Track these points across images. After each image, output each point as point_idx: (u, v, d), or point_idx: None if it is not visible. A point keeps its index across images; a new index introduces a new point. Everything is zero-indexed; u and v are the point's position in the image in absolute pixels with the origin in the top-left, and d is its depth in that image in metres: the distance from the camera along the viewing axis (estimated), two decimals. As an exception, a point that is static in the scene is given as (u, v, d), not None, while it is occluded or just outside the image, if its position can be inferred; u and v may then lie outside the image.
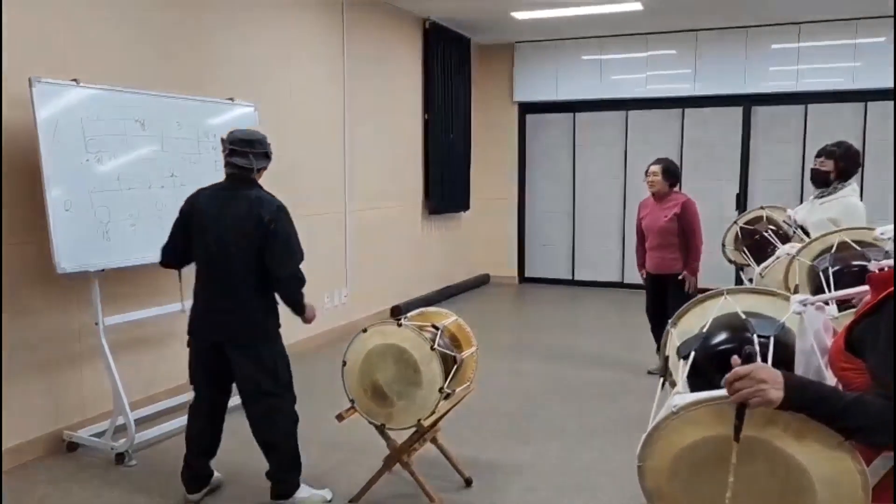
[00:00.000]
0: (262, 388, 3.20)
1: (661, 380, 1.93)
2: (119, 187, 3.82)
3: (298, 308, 3.31)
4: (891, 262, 1.70)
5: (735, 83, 8.03)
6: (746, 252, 4.02)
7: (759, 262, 3.75)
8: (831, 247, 2.76)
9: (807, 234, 3.79)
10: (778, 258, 3.43)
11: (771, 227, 3.94)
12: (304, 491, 3.28)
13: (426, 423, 3.14)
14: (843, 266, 2.58)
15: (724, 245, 4.34)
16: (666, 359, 1.95)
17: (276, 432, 3.24)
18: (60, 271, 3.51)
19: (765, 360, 1.61)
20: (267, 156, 3.33)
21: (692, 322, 1.94)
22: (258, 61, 5.29)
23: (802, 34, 7.73)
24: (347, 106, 6.42)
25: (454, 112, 8.27)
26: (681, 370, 1.75)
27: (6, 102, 3.54)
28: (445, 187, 8.15)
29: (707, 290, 2.13)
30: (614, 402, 4.74)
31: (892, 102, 7.38)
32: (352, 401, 3.25)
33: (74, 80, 3.65)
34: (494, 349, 6.01)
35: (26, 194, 3.62)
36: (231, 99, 4.67)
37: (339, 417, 3.26)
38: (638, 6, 6.94)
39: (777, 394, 1.36)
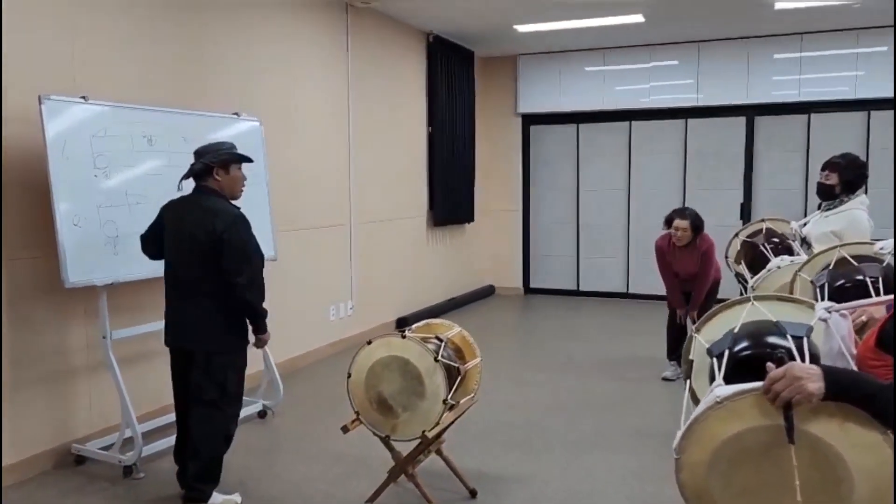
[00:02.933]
0: (204, 397, 3.30)
1: (687, 381, 1.96)
2: (126, 202, 3.86)
3: (257, 317, 3.35)
4: None
5: (738, 93, 8.06)
6: (745, 265, 4.04)
7: (755, 275, 3.76)
8: (831, 263, 2.78)
9: (810, 246, 3.80)
10: (769, 271, 3.45)
11: (775, 238, 3.95)
12: (216, 498, 3.37)
13: (430, 434, 3.16)
14: (838, 282, 2.61)
15: (726, 257, 4.36)
16: (690, 363, 1.97)
17: (204, 442, 3.32)
18: (68, 285, 3.55)
19: (801, 360, 1.63)
20: (213, 164, 3.30)
21: (716, 328, 1.96)
22: (263, 76, 5.35)
23: (804, 44, 7.76)
24: (352, 119, 6.48)
25: (458, 124, 8.32)
26: (715, 367, 1.76)
27: (16, 119, 3.60)
28: (450, 199, 8.19)
29: (724, 299, 2.17)
30: (619, 412, 4.75)
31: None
32: (357, 412, 3.28)
33: (83, 97, 3.71)
34: (499, 360, 6.02)
35: (36, 209, 3.67)
36: (236, 114, 4.72)
37: (345, 429, 3.28)
38: (640, 18, 6.98)
39: (816, 385, 1.38)
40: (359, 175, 6.61)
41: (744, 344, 1.77)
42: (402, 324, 6.99)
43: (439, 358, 3.14)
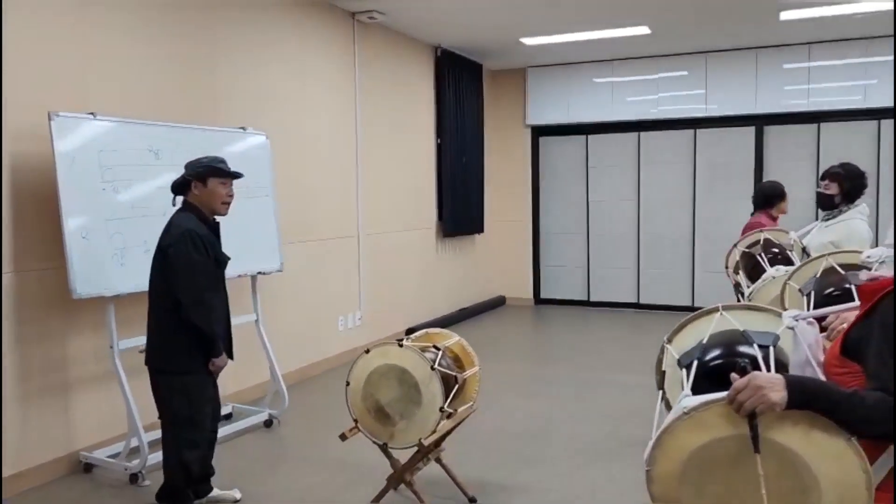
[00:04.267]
0: (160, 417, 3.34)
1: (661, 392, 1.96)
2: (134, 215, 3.96)
3: (205, 339, 3.21)
4: (877, 273, 1.75)
5: (747, 103, 8.06)
6: (743, 275, 4.04)
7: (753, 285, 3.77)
8: (818, 271, 2.79)
9: (808, 256, 3.79)
10: (764, 280, 3.46)
11: (774, 249, 3.95)
12: (215, 492, 3.45)
13: (427, 442, 3.19)
14: (826, 290, 2.62)
15: (726, 267, 4.37)
16: (663, 374, 1.99)
17: (165, 461, 3.34)
18: (76, 296, 3.64)
19: (767, 369, 1.64)
20: (189, 177, 3.30)
21: (687, 338, 1.97)
22: (270, 90, 5.45)
23: (813, 53, 7.75)
24: (360, 132, 6.57)
25: (467, 136, 8.39)
26: (684, 378, 1.77)
27: (27, 135, 3.71)
28: (459, 210, 8.24)
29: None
30: (623, 424, 4.75)
31: (905, 120, 7.37)
32: (355, 420, 3.32)
33: (91, 113, 3.82)
34: (507, 370, 6.04)
35: (46, 222, 3.77)
36: (243, 128, 4.81)
37: (343, 437, 3.33)
38: (645, 30, 7.02)
39: (778, 395, 1.40)
40: (367, 187, 6.69)
41: (712, 354, 1.77)
42: (411, 334, 7.02)
43: (436, 366, 3.19)
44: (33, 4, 3.75)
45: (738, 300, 4.04)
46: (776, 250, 3.97)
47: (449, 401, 3.22)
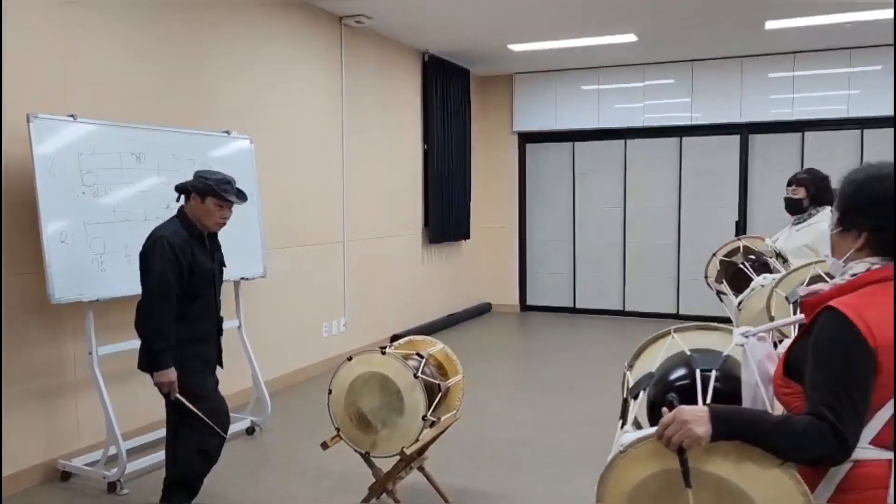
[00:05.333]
0: (168, 415, 3.33)
1: (620, 422, 1.95)
2: (114, 219, 3.90)
3: (147, 342, 3.15)
4: (817, 287, 1.73)
5: (732, 112, 8.10)
6: (727, 284, 4.06)
7: (738, 294, 3.78)
8: (805, 280, 2.80)
9: (785, 260, 3.83)
10: (753, 290, 3.47)
11: (751, 256, 3.98)
12: None
13: (409, 450, 3.16)
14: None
15: (706, 276, 4.38)
16: (625, 401, 1.98)
17: (174, 453, 3.33)
18: (54, 301, 3.58)
19: (703, 396, 1.66)
20: (191, 188, 3.27)
21: (645, 363, 1.99)
22: (256, 94, 5.41)
23: (798, 63, 7.81)
24: (346, 137, 6.54)
25: (454, 142, 8.37)
26: (630, 410, 1.82)
27: (6, 137, 3.65)
28: (445, 216, 8.22)
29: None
30: (608, 431, 4.70)
31: (888, 130, 7.43)
32: (337, 429, 3.29)
33: (72, 115, 3.77)
34: (493, 378, 6.02)
35: (24, 226, 3.71)
36: (227, 132, 4.77)
37: (324, 445, 3.29)
38: (632, 37, 7.05)
39: (703, 429, 1.42)
40: (353, 192, 6.66)
41: (657, 384, 1.81)
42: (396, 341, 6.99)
43: (419, 374, 3.16)
44: (13, 4, 3.69)
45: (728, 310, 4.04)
46: (753, 257, 4.01)
47: (432, 409, 3.19)
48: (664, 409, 1.49)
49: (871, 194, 1.54)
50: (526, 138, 9.22)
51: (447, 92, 8.17)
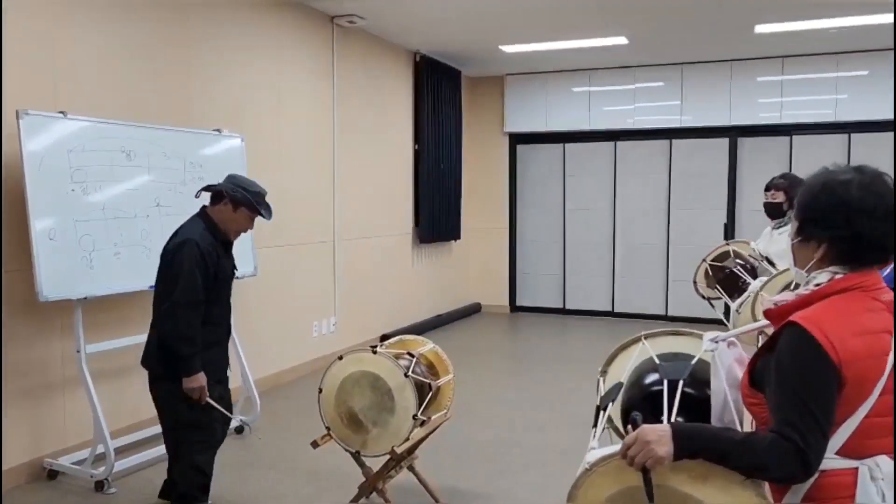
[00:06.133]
0: (163, 424, 3.23)
1: (593, 431, 1.91)
2: (104, 217, 3.88)
3: (172, 353, 3.05)
4: (782, 297, 1.70)
5: (721, 115, 8.16)
6: (720, 288, 4.09)
7: (731, 297, 3.81)
8: (792, 281, 2.82)
9: (771, 263, 3.86)
10: (749, 295, 3.49)
11: (739, 261, 4.02)
12: None
13: (400, 450, 3.16)
14: None
15: (695, 282, 4.41)
16: (598, 409, 1.97)
17: (176, 469, 3.27)
18: (42, 299, 3.56)
19: (670, 408, 1.65)
20: (227, 193, 3.21)
21: (617, 370, 1.99)
22: (247, 92, 5.39)
23: (786, 67, 7.87)
24: (337, 136, 6.53)
25: (445, 142, 8.38)
26: (599, 423, 1.81)
27: (-6, 134, 3.63)
28: (436, 216, 8.23)
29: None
30: (597, 430, 4.75)
31: (875, 134, 7.50)
32: (327, 428, 3.29)
33: (62, 112, 3.74)
34: (482, 378, 6.03)
35: (13, 223, 3.68)
36: (218, 130, 4.76)
37: (314, 444, 3.29)
38: (623, 40, 7.08)
39: (665, 449, 1.41)
40: (344, 192, 6.65)
41: (624, 397, 1.82)
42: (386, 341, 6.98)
43: (410, 374, 3.16)
44: (4, 1, 3.66)
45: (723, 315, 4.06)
46: (741, 262, 4.04)
47: (422, 408, 3.20)
48: (628, 428, 1.49)
49: (826, 204, 1.51)
50: (517, 139, 9.24)
51: (438, 92, 8.18)
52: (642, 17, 6.32)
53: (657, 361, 1.82)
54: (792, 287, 2.86)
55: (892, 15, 6.07)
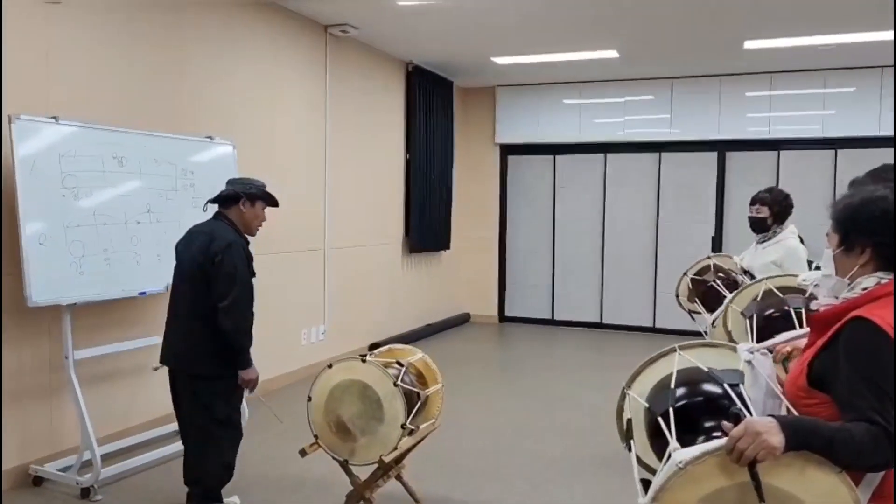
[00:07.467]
0: (196, 422, 3.31)
1: (629, 444, 1.89)
2: (94, 222, 3.88)
3: (235, 347, 3.26)
4: (827, 301, 1.77)
5: (710, 129, 8.24)
6: (699, 302, 4.13)
7: (710, 311, 3.84)
8: (758, 294, 2.87)
9: (753, 277, 3.91)
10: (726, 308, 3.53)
11: (720, 274, 4.06)
12: None
13: (388, 458, 3.17)
14: (767, 312, 2.69)
15: (677, 296, 4.45)
16: (628, 422, 1.93)
17: (201, 469, 3.33)
18: (31, 304, 3.54)
19: (746, 410, 1.63)
20: (243, 193, 3.42)
21: (647, 382, 1.93)
22: (239, 100, 5.40)
23: (774, 83, 7.97)
24: (329, 145, 6.55)
25: (436, 152, 8.42)
26: (665, 428, 1.71)
27: (-14, 138, 3.62)
28: (426, 226, 8.25)
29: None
30: (585, 442, 4.77)
31: (861, 150, 7.60)
32: (315, 436, 3.29)
33: (54, 117, 3.74)
34: (471, 387, 6.04)
35: (3, 228, 3.67)
36: (210, 137, 4.76)
37: (303, 452, 3.29)
38: (614, 54, 7.15)
39: (778, 438, 1.41)
40: (334, 200, 6.66)
41: (684, 398, 1.75)
42: (375, 349, 6.98)
43: (399, 383, 3.17)
44: (-3, 5, 3.67)
45: (704, 329, 4.09)
46: (722, 275, 4.09)
47: (411, 417, 3.21)
48: (726, 424, 1.47)
49: (870, 213, 1.66)
50: (508, 150, 9.29)
51: (430, 102, 8.22)
52: (633, 32, 6.39)
53: (706, 369, 1.79)
54: (759, 298, 2.92)
55: (878, 33, 6.17)
